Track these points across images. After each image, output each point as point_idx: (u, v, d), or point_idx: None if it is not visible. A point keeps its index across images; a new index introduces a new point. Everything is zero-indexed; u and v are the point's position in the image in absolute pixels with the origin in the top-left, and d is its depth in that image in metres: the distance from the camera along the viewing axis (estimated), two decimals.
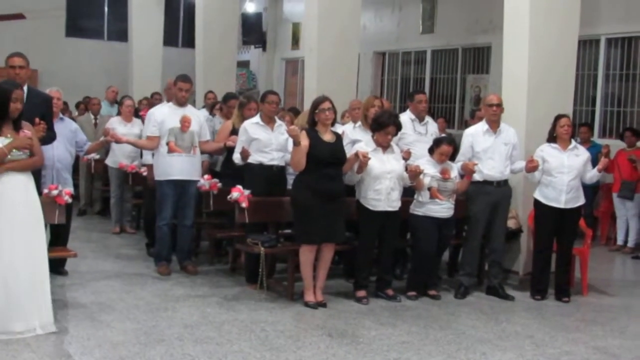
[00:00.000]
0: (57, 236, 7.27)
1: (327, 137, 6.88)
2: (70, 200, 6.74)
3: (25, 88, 6.37)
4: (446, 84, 15.07)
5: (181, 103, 7.83)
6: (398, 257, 7.98)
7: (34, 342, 5.45)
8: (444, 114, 14.59)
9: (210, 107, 10.53)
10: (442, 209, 7.25)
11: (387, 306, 7.01)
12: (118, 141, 7.89)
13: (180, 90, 7.77)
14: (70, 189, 6.96)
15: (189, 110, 7.91)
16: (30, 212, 5.73)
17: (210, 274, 7.99)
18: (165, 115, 7.80)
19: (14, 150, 5.65)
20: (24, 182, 5.74)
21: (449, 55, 14.92)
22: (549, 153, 7.49)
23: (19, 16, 17.72)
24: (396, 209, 7.09)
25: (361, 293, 7.13)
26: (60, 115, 7.55)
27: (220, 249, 8.88)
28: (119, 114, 10.50)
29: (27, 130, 5.79)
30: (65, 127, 7.43)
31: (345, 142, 7.35)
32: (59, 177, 7.21)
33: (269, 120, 7.59)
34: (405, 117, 8.03)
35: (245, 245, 7.29)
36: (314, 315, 6.62)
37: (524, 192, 8.02)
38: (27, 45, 17.23)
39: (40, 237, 5.80)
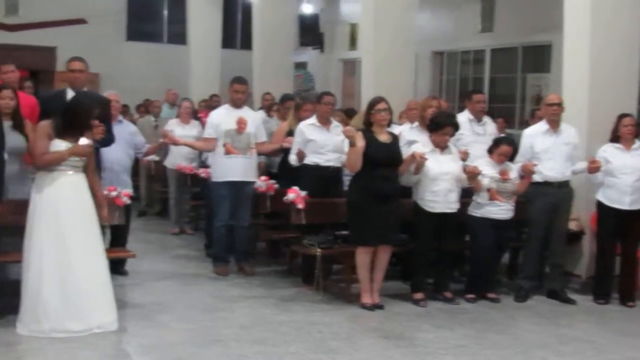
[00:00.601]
0: (117, 237, 7.39)
1: (383, 137, 6.82)
2: (128, 202, 6.84)
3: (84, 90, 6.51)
4: (506, 83, 14.82)
5: (237, 105, 7.86)
6: (456, 259, 7.87)
7: (93, 341, 5.53)
8: (504, 114, 14.33)
9: (267, 109, 10.56)
10: (501, 210, 7.12)
11: (445, 309, 6.92)
12: (175, 143, 7.97)
13: (235, 92, 7.81)
14: (129, 190, 7.06)
15: (245, 112, 7.93)
16: (85, 212, 5.84)
17: (267, 275, 8.00)
18: (221, 117, 7.84)
19: (74, 157, 5.81)
20: (77, 183, 5.86)
21: (509, 54, 14.67)
22: (611, 153, 7.31)
23: (81, 21, 18.03)
24: (454, 210, 7.00)
25: (418, 295, 7.05)
26: (119, 118, 7.65)
27: (277, 250, 8.89)
28: (178, 116, 10.61)
29: (89, 140, 5.92)
30: (123, 130, 7.53)
31: (401, 143, 7.28)
32: (118, 179, 7.29)
33: (324, 121, 7.58)
34: (463, 118, 7.93)
35: (301, 246, 7.28)
36: (371, 317, 6.57)
37: (587, 193, 7.82)
38: (88, 50, 17.49)
39: (96, 237, 5.90)
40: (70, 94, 6.62)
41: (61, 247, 5.67)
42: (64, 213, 5.72)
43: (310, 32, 18.80)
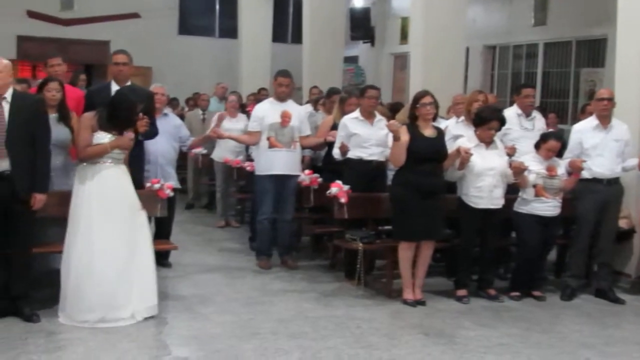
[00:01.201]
0: (160, 229, 7.46)
1: (428, 132, 6.74)
2: (172, 194, 6.88)
3: (128, 84, 6.56)
4: (559, 78, 14.55)
5: (281, 98, 7.85)
6: (502, 256, 7.74)
7: (133, 331, 5.58)
8: (557, 109, 14.08)
9: (314, 102, 10.52)
10: (548, 207, 6.98)
11: (488, 306, 6.81)
12: (220, 137, 8.00)
13: (280, 85, 7.80)
14: (173, 182, 7.12)
15: (290, 106, 7.91)
16: (127, 203, 5.91)
17: (310, 269, 7.98)
18: (265, 110, 7.84)
19: (116, 149, 5.88)
20: (119, 175, 5.95)
21: (562, 48, 14.39)
22: None
23: (134, 15, 18.29)
24: (499, 206, 6.89)
25: (462, 292, 6.96)
26: (164, 111, 7.70)
27: (320, 244, 8.86)
28: (225, 109, 10.64)
29: (132, 133, 6.00)
30: (168, 123, 7.58)
31: (447, 137, 7.19)
32: (163, 172, 7.35)
33: (368, 115, 7.52)
34: (511, 112, 7.79)
35: (344, 241, 7.24)
36: (412, 314, 6.50)
37: (638, 190, 7.62)
38: (141, 44, 17.81)
39: (137, 228, 5.94)
40: (114, 87, 6.69)
41: (103, 238, 5.74)
42: (105, 204, 5.80)
43: (361, 26, 18.71)
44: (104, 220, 5.76)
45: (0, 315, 5.70)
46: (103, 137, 5.90)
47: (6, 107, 5.68)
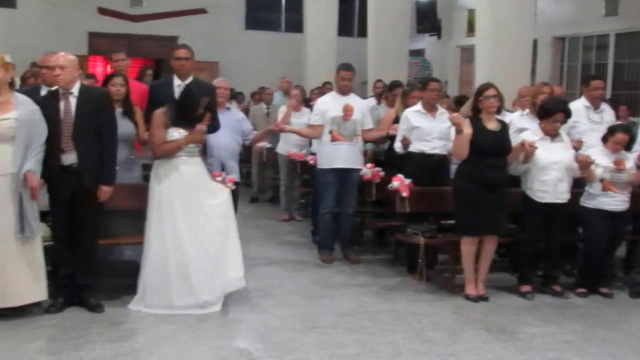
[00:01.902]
0: None
1: (492, 125, 6.63)
2: (233, 187, 6.91)
3: (190, 79, 6.62)
4: (631, 69, 14.16)
5: (343, 92, 7.83)
6: (568, 251, 7.58)
7: (194, 323, 5.65)
8: (629, 101, 13.71)
9: (378, 96, 10.46)
10: (615, 201, 6.79)
11: (553, 303, 6.67)
12: (282, 130, 8.02)
13: (342, 79, 7.78)
14: (235, 176, 7.16)
15: (352, 99, 7.88)
16: (203, 195, 5.99)
17: (372, 263, 7.95)
18: (327, 104, 7.83)
19: (190, 144, 5.97)
20: (194, 168, 6.05)
21: (635, 39, 14.00)
22: None
23: (201, 11, 18.51)
24: (564, 201, 6.73)
25: (526, 288, 6.83)
26: (227, 105, 7.75)
27: (383, 238, 8.82)
28: None
29: (204, 127, 6.09)
30: (231, 117, 7.64)
31: (511, 130, 7.06)
32: (225, 165, 7.41)
33: (430, 108, 7.44)
34: (579, 104, 7.61)
35: (405, 235, 7.19)
36: (474, 309, 6.41)
37: None
38: (208, 39, 18.07)
39: (214, 219, 6.02)
40: (176, 81, 6.77)
41: (180, 230, 5.86)
42: (182, 197, 5.91)
43: (427, 19, 18.56)
44: (181, 214, 5.87)
45: (66, 304, 5.85)
46: (174, 133, 5.97)
47: (73, 101, 5.81)
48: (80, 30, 18.09)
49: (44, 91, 6.33)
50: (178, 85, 6.77)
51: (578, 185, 6.94)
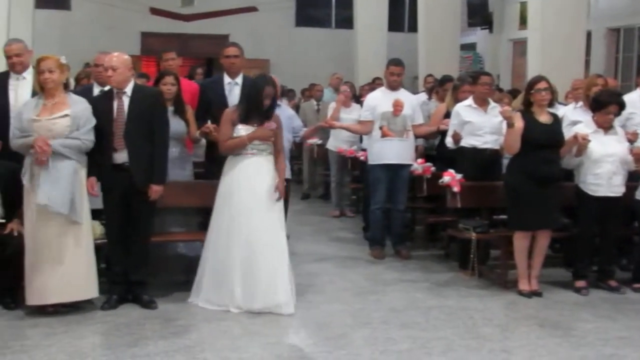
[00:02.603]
0: None
1: (544, 118, 6.53)
2: (285, 184, 6.92)
3: (240, 77, 6.66)
4: None
5: (393, 87, 7.80)
6: (624, 246, 7.43)
7: (245, 319, 5.69)
8: None
9: (429, 91, 10.39)
10: None
11: (608, 298, 6.55)
12: (332, 126, 8.02)
13: (391, 74, 7.75)
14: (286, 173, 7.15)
15: (402, 94, 7.84)
16: (267, 194, 5.99)
17: (423, 259, 7.91)
18: (377, 99, 7.81)
19: (255, 141, 5.94)
20: (260, 166, 6.03)
21: None
22: None
23: (252, 9, 18.63)
24: (619, 194, 6.60)
25: (580, 283, 6.72)
26: (278, 102, 7.75)
27: (434, 233, 8.76)
28: None
29: (274, 123, 6.06)
30: (281, 114, 7.58)
31: (564, 123, 6.96)
32: None
33: (481, 103, 7.35)
34: (635, 96, 7.48)
35: (457, 230, 7.13)
36: (527, 305, 6.33)
37: None
38: (259, 37, 18.18)
39: (278, 219, 6.05)
40: (227, 79, 6.81)
41: (244, 229, 5.87)
42: (246, 195, 5.92)
43: (478, 12, 18.39)
44: (245, 212, 5.89)
45: (120, 301, 5.94)
46: (242, 130, 5.99)
47: (126, 100, 5.89)
48: (133, 31, 18.37)
49: (96, 90, 6.45)
50: (228, 83, 6.82)
51: (634, 178, 6.81)
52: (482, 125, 7.29)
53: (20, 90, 6.24)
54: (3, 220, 5.92)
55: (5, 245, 5.84)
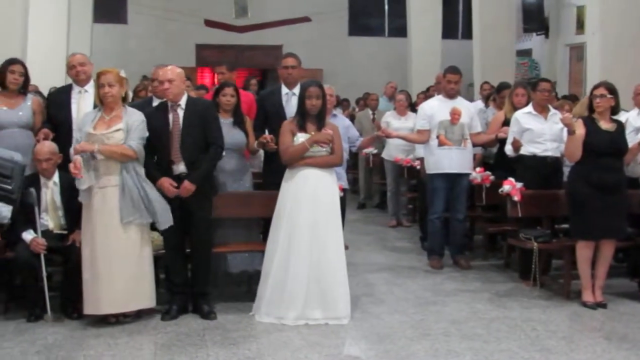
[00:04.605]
0: None
1: (607, 125, 6.38)
2: (342, 194, 6.90)
3: (297, 87, 6.65)
4: None
5: (450, 95, 7.72)
6: None
7: (304, 330, 5.67)
8: None
9: (486, 99, 10.27)
10: None
11: None
12: (388, 136, 7.97)
13: (449, 82, 7.67)
14: (342, 183, 7.12)
15: (459, 102, 7.76)
16: (327, 204, 5.97)
17: (483, 269, 7.79)
18: (434, 108, 7.73)
19: (314, 145, 5.92)
20: (321, 177, 6.00)
21: None
22: None
23: (305, 19, 18.68)
24: None
25: None
26: (333, 112, 7.73)
27: (494, 243, 8.63)
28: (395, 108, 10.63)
29: (330, 130, 6.04)
30: (337, 123, 7.55)
31: (628, 130, 6.79)
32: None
33: (541, 109, 7.23)
34: None
35: (518, 240, 7.01)
36: (592, 317, 6.18)
37: None
38: (312, 47, 18.22)
39: (338, 231, 6.02)
40: (284, 90, 6.82)
41: (304, 240, 5.84)
42: (306, 207, 5.89)
43: (534, 18, 18.12)
44: (305, 221, 5.86)
45: (180, 311, 5.97)
46: (301, 138, 5.98)
47: (181, 113, 5.95)
48: (189, 43, 18.58)
49: (155, 103, 6.51)
50: (286, 93, 6.82)
51: None
52: (542, 133, 7.16)
53: (83, 103, 6.33)
54: (65, 232, 6.04)
55: (67, 256, 5.95)
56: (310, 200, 5.90)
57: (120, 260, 5.66)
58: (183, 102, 5.96)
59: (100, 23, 16.49)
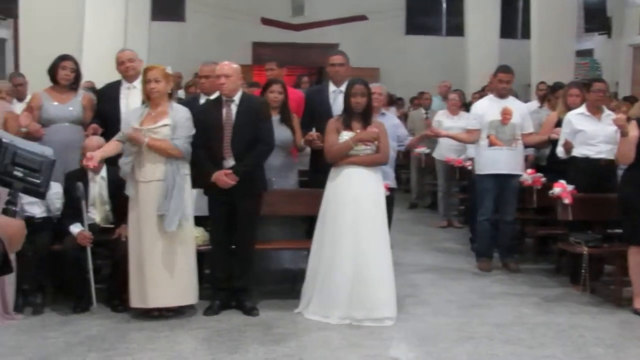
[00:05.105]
0: None
1: None
2: (388, 193, 6.84)
3: (345, 85, 6.61)
4: None
5: (502, 95, 7.59)
6: None
7: (346, 330, 5.64)
8: None
9: (541, 99, 10.09)
10: None
11: None
12: (437, 135, 7.88)
13: (500, 81, 7.55)
14: (389, 182, 7.07)
15: (511, 102, 7.63)
16: (373, 205, 5.92)
17: (532, 273, 7.64)
18: (485, 108, 7.62)
19: (359, 143, 5.88)
20: (365, 176, 5.96)
21: None
22: None
23: (362, 18, 18.62)
24: None
25: None
26: (382, 111, 7.68)
27: (545, 246, 8.47)
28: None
29: (375, 128, 5.99)
30: (386, 122, 7.50)
31: None
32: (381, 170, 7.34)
33: (595, 110, 7.05)
34: None
35: (568, 244, 6.85)
36: None
37: None
38: (368, 45, 18.17)
39: (383, 231, 5.97)
40: (332, 87, 6.79)
41: (349, 239, 5.81)
42: (351, 206, 5.86)
43: (596, 17, 17.73)
44: (352, 220, 5.82)
45: (222, 307, 6.00)
46: (345, 136, 5.95)
47: (234, 109, 5.97)
48: (245, 41, 18.68)
49: (202, 100, 6.55)
50: (333, 91, 6.79)
51: None
52: (595, 134, 6.99)
53: (131, 98, 6.41)
54: (112, 226, 6.12)
55: (114, 250, 6.03)
56: (354, 200, 5.85)
57: (163, 254, 5.70)
58: (237, 98, 5.99)
59: (157, 21, 16.68)
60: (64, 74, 6.44)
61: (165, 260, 5.70)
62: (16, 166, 2.28)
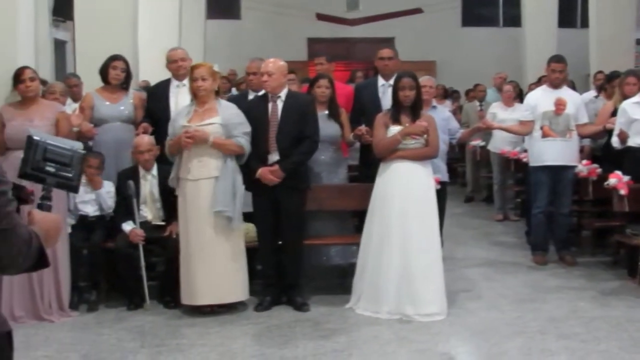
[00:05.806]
0: None
1: None
2: (438, 187, 6.78)
3: (393, 79, 6.57)
4: None
5: (555, 85, 7.45)
6: None
7: (395, 324, 5.61)
8: None
9: (599, 88, 9.86)
10: None
11: None
12: (489, 127, 7.77)
13: (553, 71, 7.41)
14: (440, 176, 6.99)
15: (564, 92, 7.48)
16: (422, 199, 5.88)
17: (589, 266, 7.48)
18: (538, 98, 7.49)
19: (407, 137, 5.84)
20: (414, 170, 5.92)
21: None
22: None
23: (417, 10, 18.48)
24: None
25: None
26: (433, 103, 7.61)
27: (602, 239, 8.27)
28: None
29: (424, 122, 5.95)
30: (437, 115, 7.41)
31: None
32: (432, 164, 7.26)
33: None
34: None
35: (624, 236, 6.70)
36: None
37: None
38: (425, 38, 18.04)
39: (432, 225, 5.92)
40: (380, 81, 6.76)
41: (398, 234, 5.78)
42: (400, 200, 5.83)
43: None
44: (400, 215, 5.79)
45: (273, 303, 6.03)
46: (393, 130, 5.92)
47: (280, 105, 6.00)
48: (300, 37, 18.72)
49: (251, 96, 6.59)
50: (382, 85, 6.76)
51: None
52: None
53: (181, 97, 6.47)
54: (164, 223, 6.20)
55: (165, 247, 6.11)
56: (402, 194, 5.82)
57: (213, 252, 5.75)
58: (283, 94, 6.02)
59: (213, 19, 16.83)
60: (114, 73, 6.55)
61: (214, 257, 5.75)
62: (48, 162, 2.31)
